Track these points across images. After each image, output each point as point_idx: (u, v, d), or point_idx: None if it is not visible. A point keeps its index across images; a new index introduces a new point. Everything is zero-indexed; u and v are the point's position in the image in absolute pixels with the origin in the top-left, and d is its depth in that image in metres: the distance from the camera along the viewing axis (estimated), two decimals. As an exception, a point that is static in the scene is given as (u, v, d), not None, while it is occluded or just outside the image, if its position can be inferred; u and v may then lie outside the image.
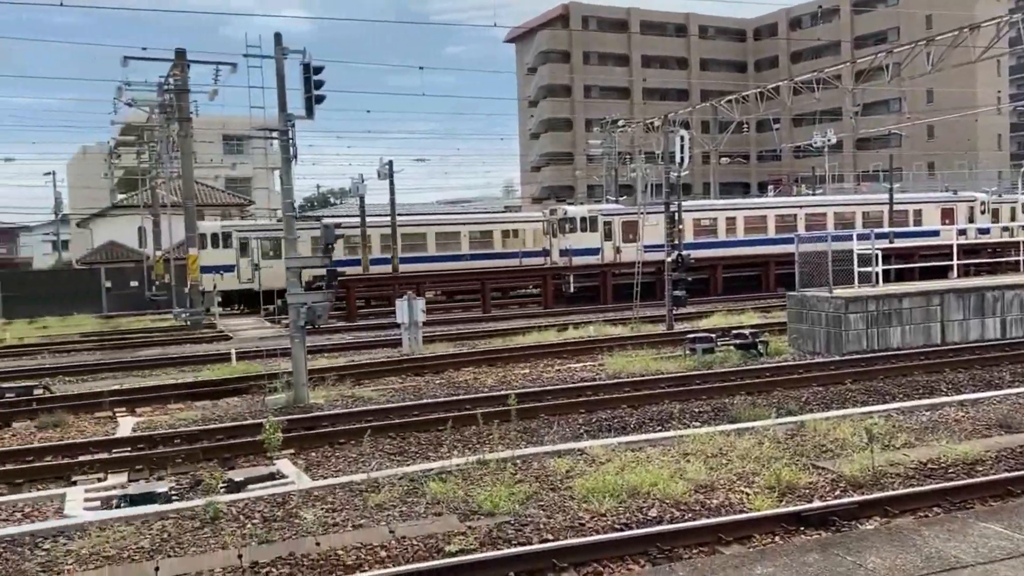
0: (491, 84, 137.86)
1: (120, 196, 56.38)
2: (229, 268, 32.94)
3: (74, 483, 9.25)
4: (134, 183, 52.52)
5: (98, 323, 31.53)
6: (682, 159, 20.80)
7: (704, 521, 6.96)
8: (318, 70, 13.50)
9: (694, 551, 6.49)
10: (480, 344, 20.15)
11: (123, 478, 9.41)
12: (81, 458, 10.11)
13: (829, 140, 44.51)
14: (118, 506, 8.11)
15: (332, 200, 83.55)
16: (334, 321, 24.83)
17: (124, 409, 13.27)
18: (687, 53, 79.92)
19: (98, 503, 8.35)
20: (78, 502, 8.32)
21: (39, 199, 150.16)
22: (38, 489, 9.10)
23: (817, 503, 7.35)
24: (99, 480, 9.34)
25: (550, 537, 6.79)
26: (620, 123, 47.30)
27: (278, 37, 13.35)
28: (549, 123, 76.58)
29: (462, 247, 35.89)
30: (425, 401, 12.82)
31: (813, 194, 44.80)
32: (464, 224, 37.55)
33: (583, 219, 32.54)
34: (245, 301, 33.61)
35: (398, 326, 19.27)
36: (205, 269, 32.20)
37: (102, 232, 48.95)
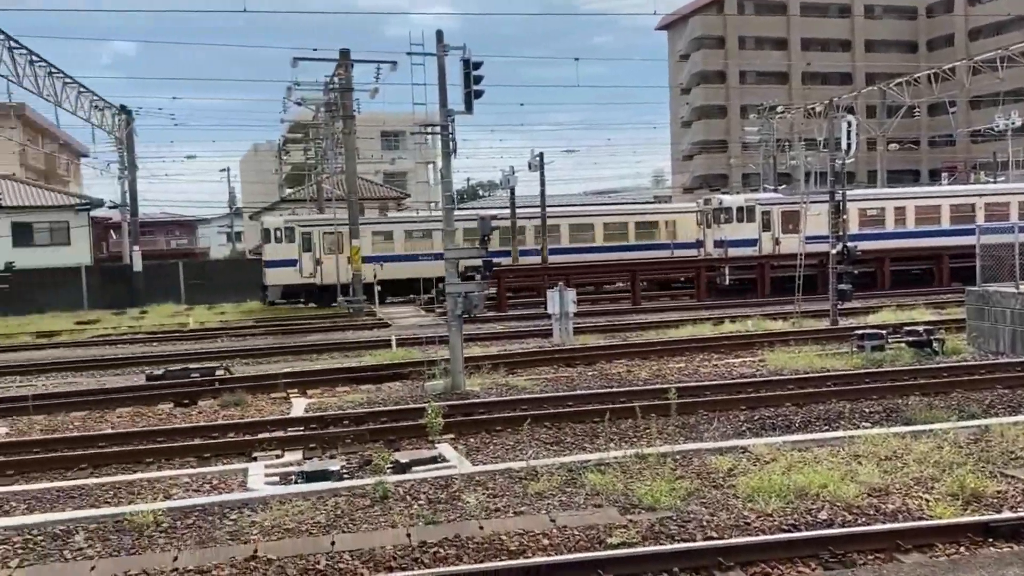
0: (641, 73, 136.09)
1: (288, 190, 59.70)
2: (292, 263, 33.12)
3: (254, 459, 9.90)
4: (301, 178, 55.56)
5: (270, 310, 33.53)
6: (849, 146, 19.76)
7: (881, 526, 6.60)
8: (477, 65, 13.77)
9: (869, 557, 6.18)
10: (632, 336, 19.99)
11: (298, 455, 9.98)
12: (260, 435, 10.81)
13: (1013, 123, 41.05)
14: (295, 482, 8.62)
15: (480, 193, 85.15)
16: (485, 311, 25.36)
17: (296, 390, 14.08)
18: (851, 34, 75.80)
19: (277, 478, 8.90)
20: (259, 477, 8.89)
21: (216, 193, 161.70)
22: (223, 463, 9.81)
23: (1008, 514, 6.82)
24: (277, 457, 9.95)
25: (714, 535, 6.64)
26: (779, 109, 45.52)
27: (439, 35, 13.72)
28: (702, 110, 74.77)
29: (596, 239, 35.78)
30: (579, 392, 12.86)
31: (994, 182, 41.47)
32: (599, 216, 37.40)
33: (739, 209, 31.57)
34: (309, 296, 33.94)
35: (548, 317, 19.44)
36: (269, 264, 33.60)
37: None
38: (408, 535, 6.88)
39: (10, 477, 9.50)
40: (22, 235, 40.59)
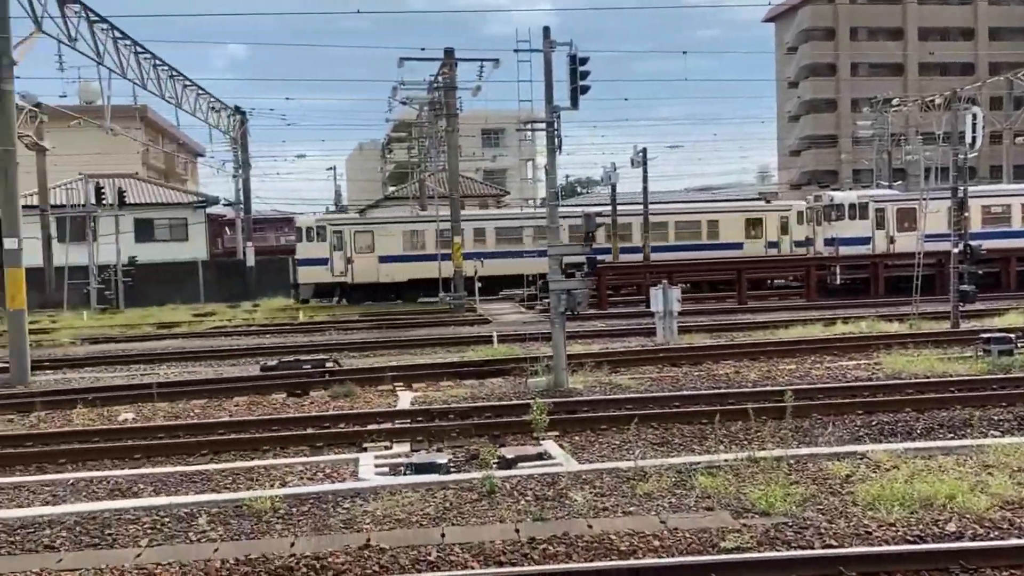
0: (747, 66, 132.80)
1: (391, 188, 60.99)
2: (323, 261, 33.65)
3: (364, 449, 10.13)
4: (404, 176, 56.68)
5: (376, 305, 34.30)
6: (974, 139, 18.72)
7: (1016, 541, 6.21)
8: (584, 61, 13.68)
9: (1004, 574, 5.82)
10: (738, 336, 19.52)
11: (406, 447, 10.15)
12: (369, 427, 11.06)
13: None
14: (404, 473, 8.77)
15: (579, 190, 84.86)
16: (587, 309, 25.24)
17: (402, 384, 14.34)
18: (974, 22, 71.87)
19: (386, 469, 9.08)
20: (369, 467, 9.09)
21: (324, 192, 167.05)
22: (335, 453, 10.07)
23: None
24: (385, 448, 10.15)
25: (833, 543, 6.39)
26: (894, 101, 43.57)
27: (547, 31, 13.70)
28: (811, 104, 72.32)
29: (702, 236, 35.09)
30: (685, 392, 12.63)
31: None
32: (703, 213, 36.67)
33: (852, 206, 30.40)
34: (342, 294, 34.47)
35: (650, 315, 19.17)
36: (301, 262, 34.13)
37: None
38: (516, 531, 6.89)
39: (137, 461, 10.01)
40: (144, 231, 42.85)
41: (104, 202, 38.57)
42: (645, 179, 33.90)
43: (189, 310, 32.92)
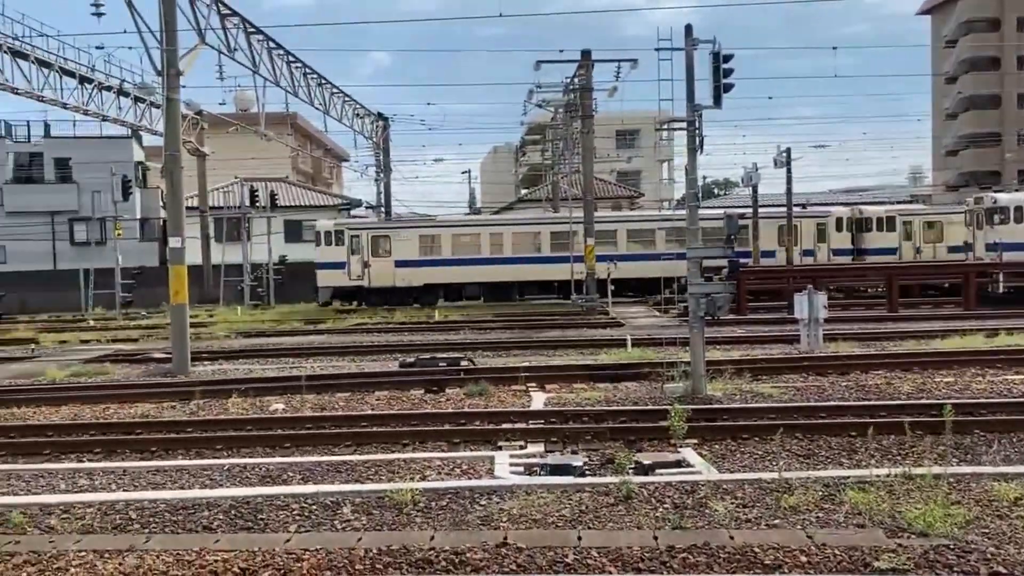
0: (898, 62, 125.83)
1: (524, 191, 61.54)
2: (340, 265, 33.94)
3: (499, 448, 10.21)
4: (537, 178, 57.05)
5: (512, 305, 34.65)
6: None
7: None
8: (727, 58, 13.33)
9: None
10: (889, 346, 18.46)
11: (540, 448, 10.16)
12: (503, 426, 11.15)
13: None
14: (539, 474, 8.78)
15: (716, 191, 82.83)
16: (727, 313, 24.59)
17: (535, 384, 14.39)
18: None
19: (521, 468, 9.11)
20: (505, 466, 9.15)
21: (459, 194, 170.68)
22: (471, 450, 10.20)
23: None
24: (520, 448, 10.20)
25: (1002, 570, 5.91)
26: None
27: (688, 29, 13.40)
28: (971, 100, 67.65)
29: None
30: (832, 403, 12.04)
31: None
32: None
33: (1019, 208, 28.23)
34: (359, 298, 34.59)
35: (792, 321, 18.45)
36: (319, 266, 34.26)
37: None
38: (655, 538, 6.74)
39: (287, 450, 10.48)
40: (293, 232, 45.06)
41: (257, 204, 40.85)
42: (789, 180, 32.69)
43: (334, 307, 34.29)
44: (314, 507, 7.80)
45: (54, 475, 9.31)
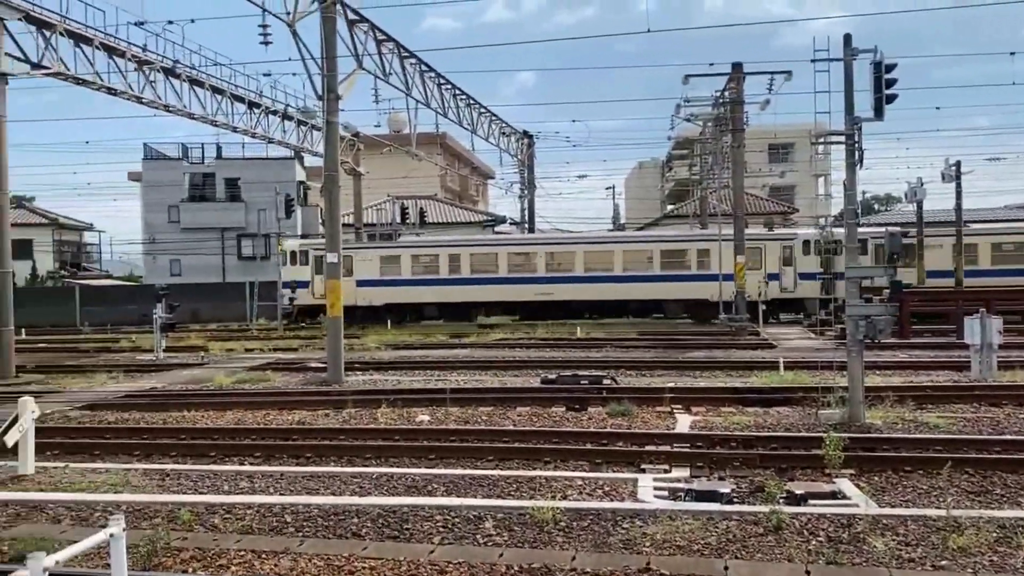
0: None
1: (670, 206, 60.62)
2: (305, 284, 34.46)
3: (642, 470, 10.01)
4: (684, 194, 56.06)
5: (654, 323, 34.15)
6: None
7: None
8: (890, 68, 12.62)
9: None
10: (1074, 376, 16.81)
11: (685, 472, 9.89)
12: (647, 448, 10.94)
13: None
14: (684, 499, 8.53)
15: (876, 207, 78.53)
16: (889, 337, 23.19)
17: (680, 406, 14.05)
18: None
19: (665, 492, 8.89)
20: (648, 489, 8.96)
21: (602, 211, 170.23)
22: (613, 471, 10.06)
23: None
24: (664, 471, 9.96)
25: None
26: None
27: (847, 38, 12.80)
28: None
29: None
30: (1009, 437, 11.08)
31: None
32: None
33: None
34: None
35: (959, 347, 17.12)
36: (285, 284, 34.16)
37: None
38: (807, 572, 6.41)
39: (432, 461, 10.70)
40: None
41: (407, 221, 42.25)
42: (959, 195, 30.51)
43: (476, 322, 34.94)
44: (457, 520, 7.91)
45: (218, 476, 9.90)
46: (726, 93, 29.34)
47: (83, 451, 11.61)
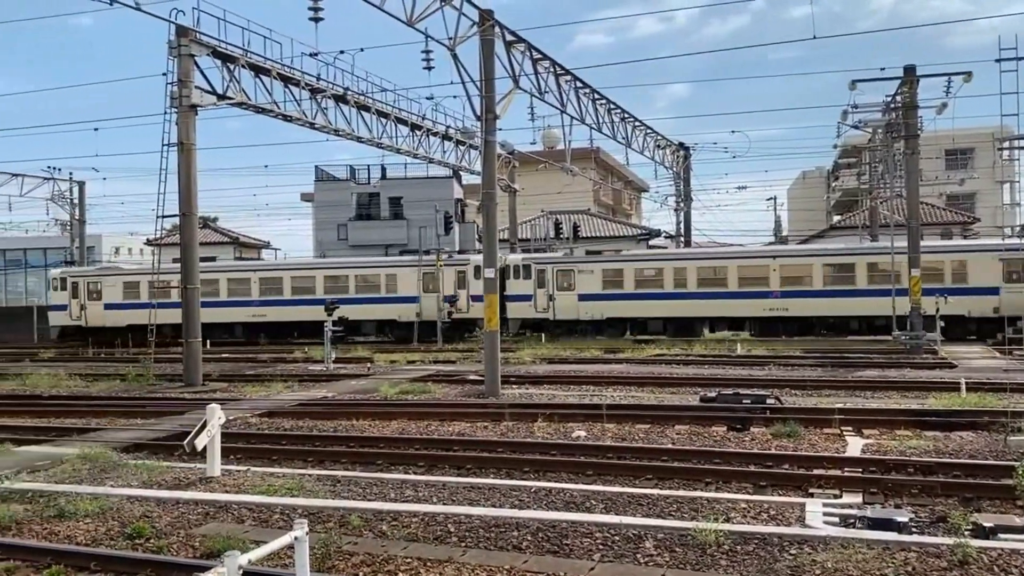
0: None
1: (836, 217, 57.80)
2: (64, 307, 39.54)
3: (811, 495, 9.58)
4: (852, 204, 53.34)
5: (819, 341, 32.63)
6: None
7: None
8: (1090, 62, 11.51)
9: None
10: None
11: (857, 498, 9.38)
12: (815, 471, 10.44)
13: None
14: (856, 526, 8.08)
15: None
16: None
17: (851, 428, 13.35)
18: None
19: (836, 519, 8.45)
20: (818, 514, 8.55)
21: (763, 223, 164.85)
22: (779, 494, 9.68)
23: None
24: (834, 496, 9.48)
25: None
26: None
27: (1039, 32, 11.79)
28: None
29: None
30: None
31: None
32: None
33: None
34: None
35: None
36: (52, 308, 35.95)
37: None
38: (1000, 614, 5.89)
39: (590, 478, 10.68)
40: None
41: (561, 235, 42.56)
42: None
43: (630, 337, 34.64)
44: (617, 538, 7.84)
45: (385, 484, 10.30)
46: (898, 97, 27.73)
47: (262, 456, 12.41)
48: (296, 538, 4.38)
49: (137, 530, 8.38)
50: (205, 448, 10.69)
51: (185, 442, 10.76)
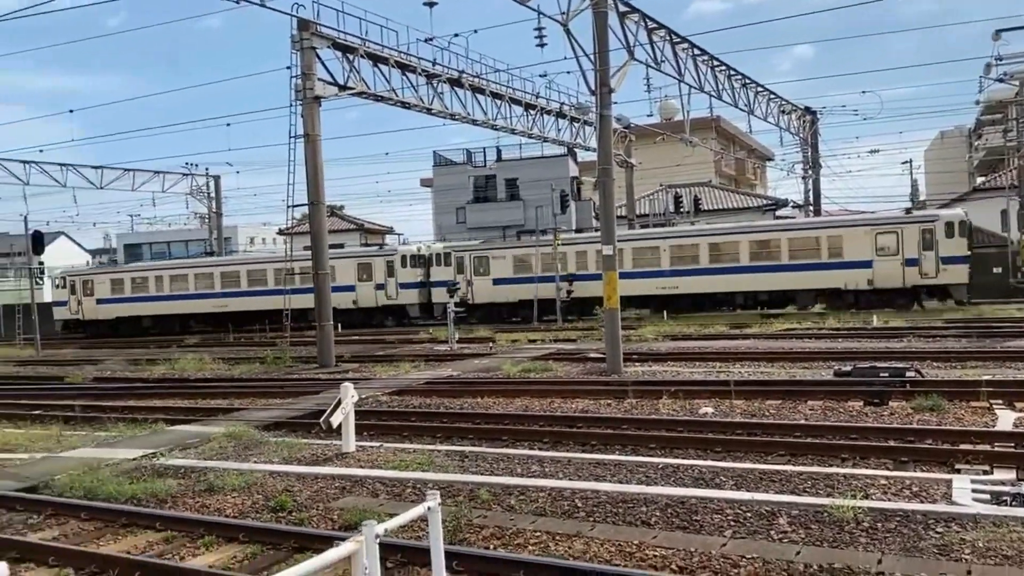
0: None
1: (980, 179, 54.20)
2: (63, 303, 45.00)
3: (957, 471, 9.06)
4: (997, 164, 49.88)
5: (961, 310, 30.81)
6: None
7: None
8: None
9: None
10: None
11: (1010, 475, 8.79)
12: (961, 446, 9.88)
13: None
14: (1010, 504, 7.59)
15: None
16: None
17: (1001, 401, 12.55)
18: None
19: (986, 496, 7.95)
20: (966, 491, 8.07)
21: (897, 187, 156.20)
22: (922, 470, 9.20)
23: None
24: (983, 472, 8.93)
25: None
26: None
27: None
28: None
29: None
30: None
31: None
32: None
33: None
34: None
35: None
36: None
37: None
38: None
39: (718, 454, 10.47)
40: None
41: (681, 209, 41.75)
42: None
43: (759, 313, 33.67)
44: (748, 514, 7.66)
45: (511, 459, 10.43)
46: (1048, 44, 25.59)
47: (393, 432, 12.81)
48: (429, 508, 4.49)
49: (280, 503, 8.83)
50: (340, 425, 11.12)
51: (321, 420, 11.23)
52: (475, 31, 65.11)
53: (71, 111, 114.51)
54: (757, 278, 32.44)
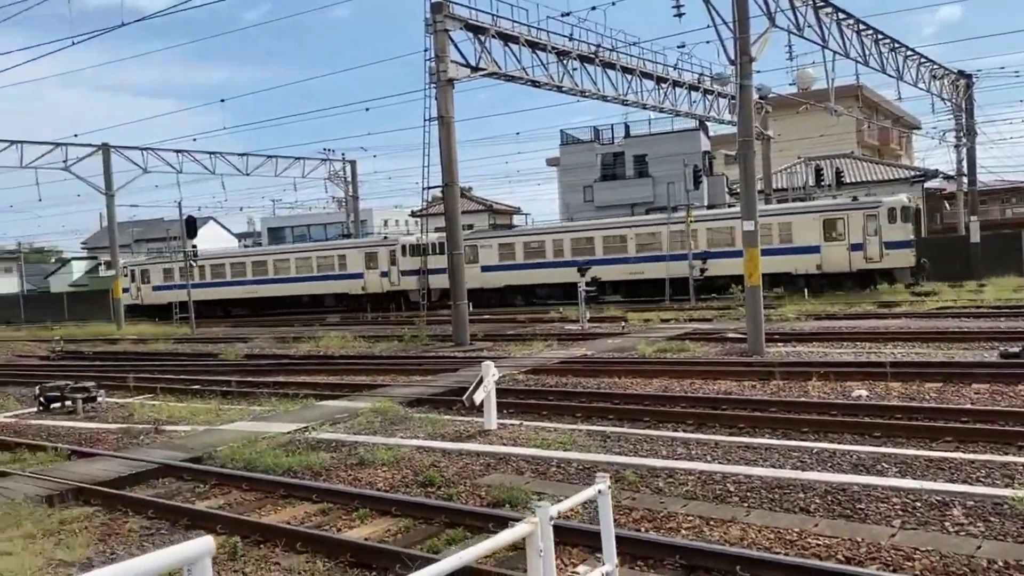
0: None
1: None
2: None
3: None
4: None
5: None
6: None
7: None
8: None
9: None
10: None
11: None
12: None
13: None
14: None
15: None
16: None
17: None
18: None
19: None
20: None
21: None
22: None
23: None
24: None
25: None
26: None
27: None
28: None
29: None
30: None
31: None
32: None
33: None
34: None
35: None
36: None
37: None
38: None
39: (876, 439, 9.89)
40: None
41: (822, 183, 39.90)
42: None
43: (900, 289, 31.85)
44: (917, 504, 7.19)
45: (654, 441, 10.22)
46: None
47: (532, 411, 12.82)
48: (600, 491, 4.40)
49: (428, 478, 8.98)
50: (482, 403, 11.21)
51: (464, 397, 11.36)
52: (613, 3, 63.85)
53: (222, 100, 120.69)
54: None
